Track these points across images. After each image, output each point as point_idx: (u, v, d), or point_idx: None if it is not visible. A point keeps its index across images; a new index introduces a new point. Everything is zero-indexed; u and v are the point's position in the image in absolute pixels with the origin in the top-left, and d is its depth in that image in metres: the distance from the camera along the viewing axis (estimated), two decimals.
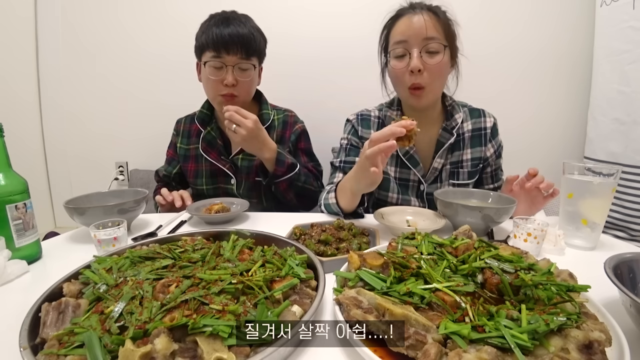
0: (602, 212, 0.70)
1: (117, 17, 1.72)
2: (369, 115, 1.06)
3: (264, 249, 0.58)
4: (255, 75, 1.10)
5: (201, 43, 1.04)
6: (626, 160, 1.32)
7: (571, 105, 1.63)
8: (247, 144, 0.97)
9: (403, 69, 0.89)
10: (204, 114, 1.18)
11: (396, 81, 0.95)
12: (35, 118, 1.83)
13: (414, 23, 0.87)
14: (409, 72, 0.88)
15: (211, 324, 0.36)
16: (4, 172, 0.64)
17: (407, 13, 0.90)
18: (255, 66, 1.08)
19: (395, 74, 0.92)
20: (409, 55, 0.88)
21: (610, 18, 1.38)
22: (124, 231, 0.69)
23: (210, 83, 1.05)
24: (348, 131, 1.06)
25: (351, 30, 1.61)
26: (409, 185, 1.03)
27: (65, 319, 0.41)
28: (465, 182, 1.02)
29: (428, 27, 0.86)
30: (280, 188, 1.05)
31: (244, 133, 0.92)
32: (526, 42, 1.59)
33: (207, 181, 1.17)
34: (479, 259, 0.49)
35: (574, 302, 0.40)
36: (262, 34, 1.09)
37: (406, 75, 0.89)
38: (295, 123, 1.21)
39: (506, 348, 0.34)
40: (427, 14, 0.88)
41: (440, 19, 0.89)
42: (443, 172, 1.02)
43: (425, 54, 0.87)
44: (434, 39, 0.87)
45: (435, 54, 0.88)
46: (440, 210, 0.84)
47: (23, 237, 0.65)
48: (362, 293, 0.44)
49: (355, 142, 1.04)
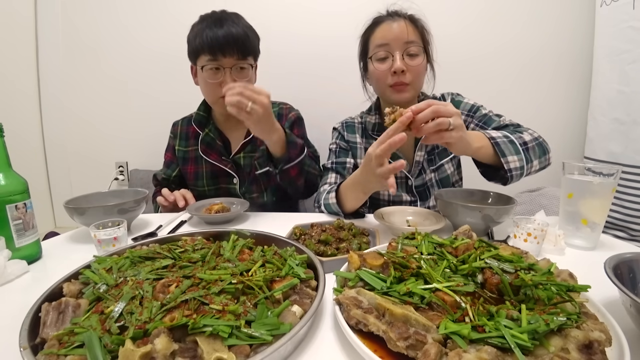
0: (602, 212, 0.70)
1: (117, 16, 1.72)
2: (352, 122, 1.14)
3: (264, 249, 0.58)
4: (253, 73, 1.10)
5: (195, 47, 1.01)
6: (626, 160, 1.32)
7: (571, 105, 1.63)
8: (261, 125, 0.86)
9: (386, 71, 0.95)
10: (201, 116, 1.17)
11: (378, 82, 0.99)
12: (35, 118, 1.83)
13: (394, 28, 0.93)
14: (392, 73, 0.93)
15: (211, 324, 0.36)
16: (4, 172, 0.64)
17: (387, 20, 0.96)
18: (252, 65, 1.08)
19: (378, 75, 0.97)
20: (391, 58, 0.93)
21: (610, 18, 1.38)
22: (124, 231, 0.69)
23: (209, 86, 1.04)
24: (336, 137, 1.14)
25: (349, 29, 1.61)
26: (398, 182, 1.07)
27: (65, 319, 0.41)
28: (440, 164, 1.06)
29: (409, 32, 0.92)
30: (291, 174, 0.98)
31: (260, 111, 0.82)
32: (526, 42, 1.59)
33: (208, 182, 1.17)
34: (479, 259, 0.49)
35: (574, 302, 0.40)
36: (254, 32, 1.08)
37: (389, 76, 0.94)
38: (289, 112, 1.20)
39: (506, 348, 0.34)
40: (405, 20, 0.95)
41: (417, 26, 0.96)
42: (424, 163, 1.06)
43: (406, 56, 0.93)
44: (414, 43, 0.93)
45: (415, 56, 0.94)
46: (440, 210, 0.84)
47: (23, 237, 0.65)
48: (362, 293, 0.44)
49: (343, 145, 1.12)
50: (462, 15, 1.59)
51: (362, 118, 1.14)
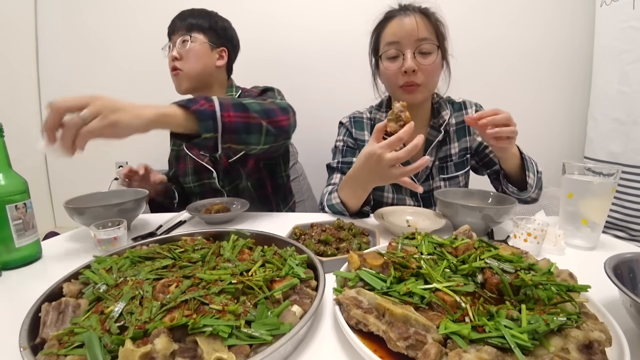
0: (602, 212, 0.70)
1: (117, 16, 1.73)
2: (361, 117, 1.07)
3: (264, 249, 0.58)
4: (203, 50, 1.08)
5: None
6: (626, 160, 1.32)
7: (571, 105, 1.63)
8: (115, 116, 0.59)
9: (396, 70, 0.90)
10: None
11: (389, 81, 0.95)
12: (35, 118, 1.83)
13: (405, 24, 0.88)
14: (402, 72, 0.89)
15: (211, 324, 0.36)
16: (4, 172, 0.64)
17: (398, 15, 0.91)
18: (198, 40, 1.08)
19: (389, 75, 0.93)
20: (402, 56, 0.89)
21: (610, 18, 1.38)
22: (124, 231, 0.69)
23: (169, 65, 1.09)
24: (343, 134, 1.08)
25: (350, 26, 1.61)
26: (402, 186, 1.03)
27: (65, 319, 0.41)
28: (454, 175, 1.03)
29: (420, 29, 0.87)
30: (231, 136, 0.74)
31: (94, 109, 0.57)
32: (526, 42, 1.59)
33: (192, 179, 1.18)
34: (479, 259, 0.49)
35: (574, 302, 0.40)
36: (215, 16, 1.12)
37: (399, 75, 0.90)
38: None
39: (506, 348, 0.34)
40: (418, 15, 0.89)
41: (431, 20, 0.90)
42: (433, 169, 1.03)
43: (418, 54, 0.88)
44: (427, 40, 0.88)
45: (428, 54, 0.89)
46: (440, 210, 0.84)
47: (23, 237, 0.65)
48: (362, 293, 0.44)
49: (350, 143, 1.06)
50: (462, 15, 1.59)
51: (371, 113, 1.08)
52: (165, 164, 1.31)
